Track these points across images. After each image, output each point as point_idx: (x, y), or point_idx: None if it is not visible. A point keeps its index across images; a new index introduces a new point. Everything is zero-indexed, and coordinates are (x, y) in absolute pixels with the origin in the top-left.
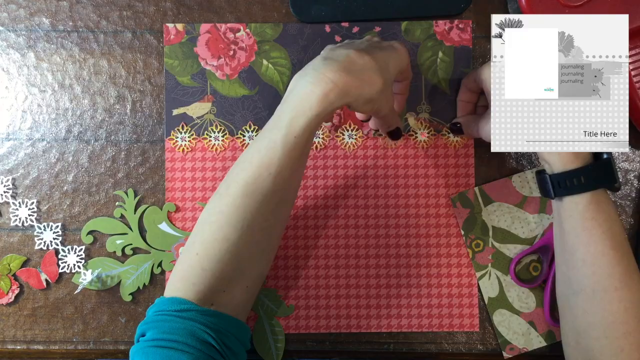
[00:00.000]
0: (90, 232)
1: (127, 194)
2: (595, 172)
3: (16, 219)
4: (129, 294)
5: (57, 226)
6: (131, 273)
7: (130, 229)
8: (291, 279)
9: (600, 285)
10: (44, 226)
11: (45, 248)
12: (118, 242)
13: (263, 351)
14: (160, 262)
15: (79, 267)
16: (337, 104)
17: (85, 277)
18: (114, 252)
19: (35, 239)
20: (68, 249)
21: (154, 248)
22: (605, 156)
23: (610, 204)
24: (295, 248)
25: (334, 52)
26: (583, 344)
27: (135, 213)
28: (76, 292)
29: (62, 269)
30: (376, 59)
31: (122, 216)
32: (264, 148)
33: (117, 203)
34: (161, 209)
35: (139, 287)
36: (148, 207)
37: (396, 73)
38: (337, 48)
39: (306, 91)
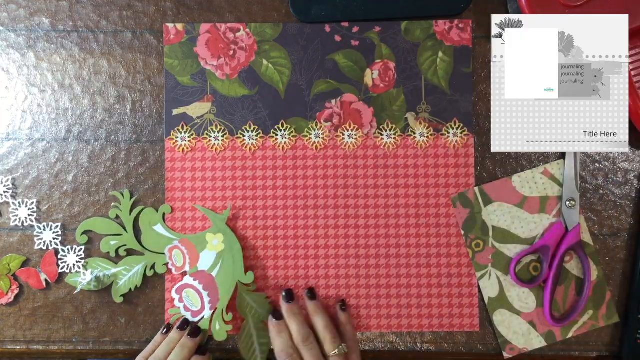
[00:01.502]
0: (85, 232)
1: (122, 195)
2: None
3: (16, 219)
4: (120, 296)
5: (57, 226)
6: (124, 274)
7: (125, 230)
8: (291, 279)
9: None
10: (43, 226)
11: (45, 248)
12: (112, 242)
13: (248, 354)
14: (154, 264)
15: (78, 267)
16: None
17: (85, 277)
18: (108, 252)
19: (35, 239)
20: (68, 249)
21: (148, 250)
22: None
23: None
24: (295, 248)
25: None
26: None
27: (130, 214)
28: (75, 292)
29: (61, 269)
30: None
31: (117, 217)
32: None
33: (112, 204)
34: (157, 211)
35: (130, 289)
36: (144, 208)
37: None
38: None
39: None
